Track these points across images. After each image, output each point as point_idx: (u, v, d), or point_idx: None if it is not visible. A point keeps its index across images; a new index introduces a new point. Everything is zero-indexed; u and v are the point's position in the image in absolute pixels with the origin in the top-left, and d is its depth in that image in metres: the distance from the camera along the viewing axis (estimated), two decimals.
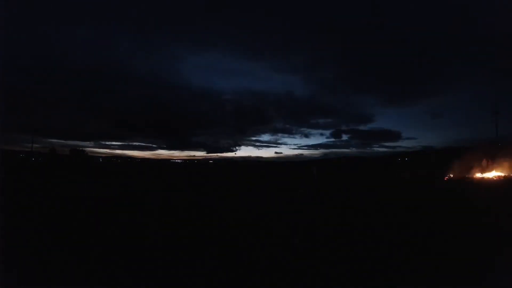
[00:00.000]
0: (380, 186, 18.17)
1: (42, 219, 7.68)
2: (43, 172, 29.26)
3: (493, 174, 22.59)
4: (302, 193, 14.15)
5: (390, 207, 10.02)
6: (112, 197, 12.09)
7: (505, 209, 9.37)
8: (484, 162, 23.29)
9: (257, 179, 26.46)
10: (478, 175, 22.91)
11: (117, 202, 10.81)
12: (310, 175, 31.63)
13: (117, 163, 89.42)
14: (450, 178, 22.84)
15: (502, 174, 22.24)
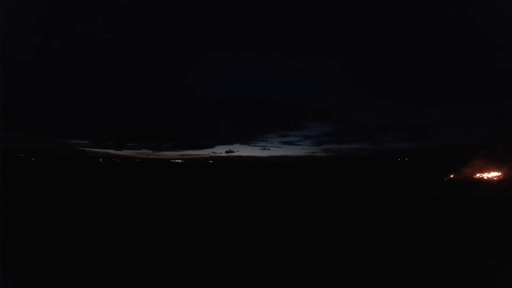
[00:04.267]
0: (378, 185, 18.13)
1: (42, 220, 7.66)
2: (43, 172, 29.23)
3: (493, 174, 22.54)
4: (301, 193, 14.12)
5: (385, 207, 9.99)
6: (112, 197, 12.07)
7: (503, 210, 9.34)
8: (484, 163, 23.23)
9: (255, 179, 26.43)
10: (479, 175, 22.85)
11: (117, 202, 10.80)
12: (310, 174, 31.61)
13: (117, 163, 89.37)
14: (450, 178, 22.81)
15: (503, 175, 22.18)
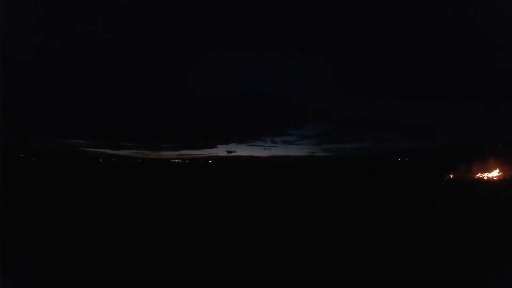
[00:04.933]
0: (378, 185, 18.13)
1: (42, 219, 7.66)
2: (43, 172, 29.22)
3: (493, 174, 22.53)
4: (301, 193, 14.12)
5: (385, 207, 9.99)
6: (111, 197, 12.07)
7: (503, 210, 9.34)
8: (484, 163, 23.22)
9: (255, 179, 26.43)
10: (479, 175, 22.85)
11: (116, 202, 10.80)
12: (310, 174, 31.62)
13: (117, 163, 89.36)
14: (450, 179, 22.79)
15: (503, 175, 22.17)
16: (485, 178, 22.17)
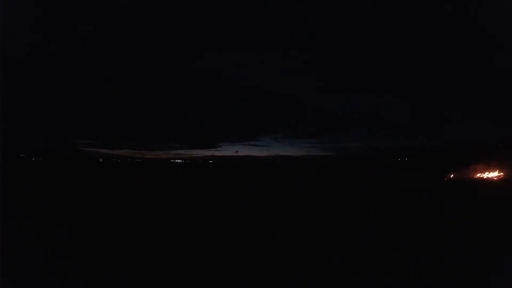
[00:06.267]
0: (378, 185, 18.12)
1: (42, 219, 7.65)
2: (43, 172, 29.22)
3: (493, 174, 22.49)
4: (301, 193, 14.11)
5: (385, 207, 9.98)
6: (111, 197, 12.07)
7: (503, 210, 9.33)
8: (484, 163, 23.18)
9: (255, 179, 26.42)
10: (479, 175, 22.81)
11: (116, 202, 10.79)
12: (310, 175, 31.62)
13: (116, 163, 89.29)
14: (450, 178, 22.77)
15: (503, 175, 22.13)
16: (485, 178, 22.14)
